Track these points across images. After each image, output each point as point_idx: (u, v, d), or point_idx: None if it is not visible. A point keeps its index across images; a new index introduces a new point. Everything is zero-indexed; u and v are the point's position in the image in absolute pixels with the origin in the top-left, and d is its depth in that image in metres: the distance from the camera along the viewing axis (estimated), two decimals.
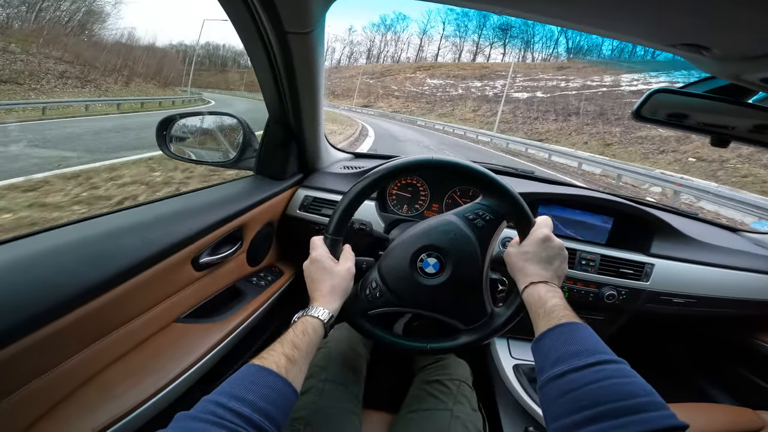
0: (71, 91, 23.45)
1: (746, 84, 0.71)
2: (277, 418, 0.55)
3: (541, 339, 0.66)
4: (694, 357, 2.01)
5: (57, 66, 24.35)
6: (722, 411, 1.22)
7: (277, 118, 1.26)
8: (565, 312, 0.68)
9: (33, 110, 13.40)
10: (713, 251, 1.43)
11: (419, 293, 0.84)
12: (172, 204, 1.02)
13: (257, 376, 0.58)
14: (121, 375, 0.78)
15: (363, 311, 0.87)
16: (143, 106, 20.88)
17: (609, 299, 1.32)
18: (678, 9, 0.54)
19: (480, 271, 0.84)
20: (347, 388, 0.98)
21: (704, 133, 0.89)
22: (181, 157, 1.27)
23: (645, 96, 0.85)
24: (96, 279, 0.70)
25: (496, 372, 1.41)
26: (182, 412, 0.52)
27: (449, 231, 0.84)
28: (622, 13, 0.60)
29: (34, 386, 0.64)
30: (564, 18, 0.66)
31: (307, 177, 1.47)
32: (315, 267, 0.81)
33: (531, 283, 0.76)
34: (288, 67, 1.04)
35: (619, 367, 0.56)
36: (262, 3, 0.83)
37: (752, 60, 0.62)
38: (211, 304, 1.09)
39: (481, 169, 0.84)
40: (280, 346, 0.64)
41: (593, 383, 0.53)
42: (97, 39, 44.17)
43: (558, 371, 0.58)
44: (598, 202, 1.38)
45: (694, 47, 0.62)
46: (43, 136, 9.39)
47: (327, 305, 0.76)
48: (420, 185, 1.47)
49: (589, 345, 0.60)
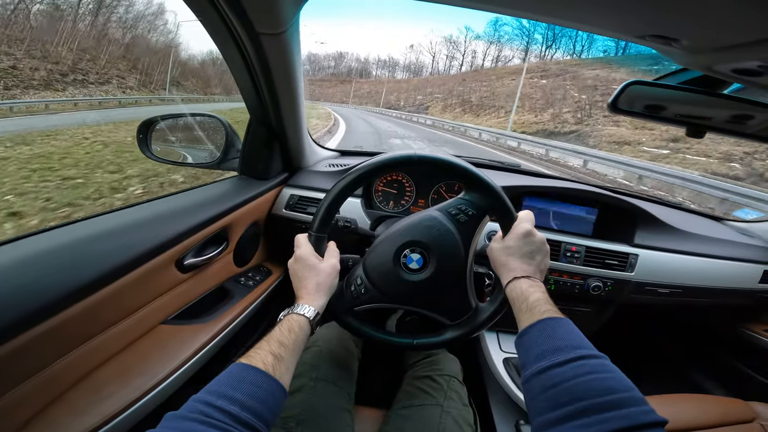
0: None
1: (719, 75, 0.72)
2: (266, 416, 0.55)
3: (524, 334, 0.66)
4: (683, 347, 2.03)
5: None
6: (713, 402, 1.24)
7: (258, 118, 1.26)
8: (547, 307, 0.68)
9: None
10: (697, 240, 1.45)
11: (403, 289, 0.84)
12: (155, 207, 1.02)
13: (244, 374, 0.58)
14: (110, 377, 0.79)
15: (349, 308, 0.87)
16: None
17: (595, 290, 1.33)
18: (645, 1, 0.55)
19: (463, 266, 0.85)
20: (339, 386, 0.98)
21: (681, 125, 0.89)
22: (164, 160, 1.26)
23: (620, 88, 0.85)
24: (75, 285, 0.70)
25: (486, 366, 1.42)
26: (171, 412, 0.52)
27: (432, 226, 0.84)
28: (590, 6, 0.61)
29: (24, 389, 0.65)
30: (534, 11, 0.66)
31: (292, 176, 1.47)
32: (300, 265, 0.81)
33: (514, 278, 0.76)
34: (264, 67, 1.04)
35: (599, 362, 0.56)
36: (230, 5, 0.83)
37: (722, 51, 0.62)
38: (199, 306, 1.09)
39: (462, 163, 0.84)
40: (267, 345, 0.64)
41: (574, 378, 0.53)
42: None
43: (540, 366, 0.58)
44: (582, 194, 1.39)
45: (663, 39, 0.62)
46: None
47: (312, 302, 0.76)
48: (405, 181, 1.48)
49: (571, 340, 0.60)
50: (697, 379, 1.88)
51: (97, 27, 46.80)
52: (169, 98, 32.20)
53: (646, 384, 0.76)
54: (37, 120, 14.23)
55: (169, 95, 36.90)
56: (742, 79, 0.71)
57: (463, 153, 6.32)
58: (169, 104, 29.25)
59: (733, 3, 0.49)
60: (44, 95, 25.06)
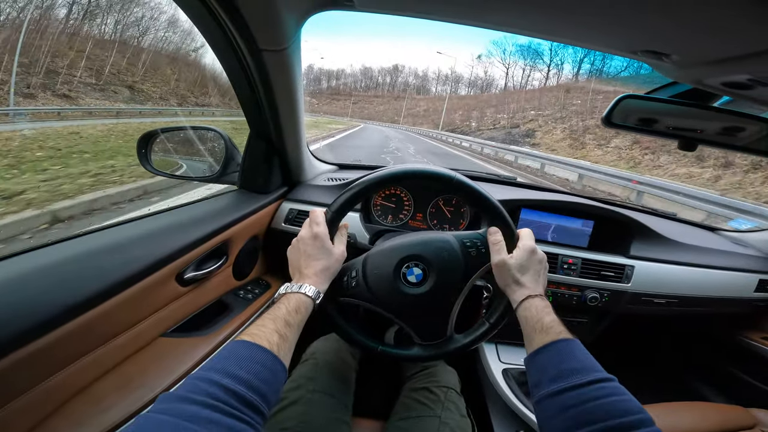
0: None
1: (709, 88, 0.74)
2: (270, 397, 0.53)
3: (538, 354, 0.67)
4: (682, 355, 2.03)
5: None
6: (714, 409, 1.24)
7: (259, 132, 1.27)
8: (562, 328, 0.69)
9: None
10: (692, 251, 1.46)
11: (393, 296, 0.84)
12: (156, 221, 1.02)
13: (249, 352, 0.55)
14: (110, 389, 0.79)
15: (333, 296, 0.86)
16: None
17: (592, 302, 1.34)
18: (636, 17, 0.57)
19: (456, 295, 0.86)
20: (336, 398, 0.98)
21: (674, 138, 0.91)
22: (164, 173, 1.27)
23: (613, 102, 0.87)
24: (75, 300, 0.70)
25: (485, 377, 1.42)
26: (167, 392, 0.48)
27: (443, 248, 0.85)
28: (583, 23, 0.63)
29: (23, 400, 0.64)
30: (528, 29, 0.68)
31: (291, 190, 1.47)
32: (315, 243, 0.79)
33: (528, 296, 0.76)
34: (265, 83, 1.05)
35: (614, 384, 0.58)
36: (234, 22, 0.85)
37: (712, 65, 0.64)
38: (198, 319, 1.08)
39: (471, 184, 0.85)
40: (272, 323, 0.62)
41: (594, 400, 0.55)
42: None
43: (557, 387, 0.59)
44: (577, 206, 1.41)
45: (654, 54, 0.64)
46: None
47: (318, 285, 0.75)
48: (404, 195, 1.48)
49: (587, 363, 0.62)
50: (696, 387, 1.88)
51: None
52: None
53: (646, 392, 0.76)
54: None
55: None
56: (732, 92, 0.74)
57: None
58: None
59: (723, 18, 0.51)
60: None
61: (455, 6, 0.67)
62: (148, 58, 43.66)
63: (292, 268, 0.81)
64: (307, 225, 0.83)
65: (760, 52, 0.55)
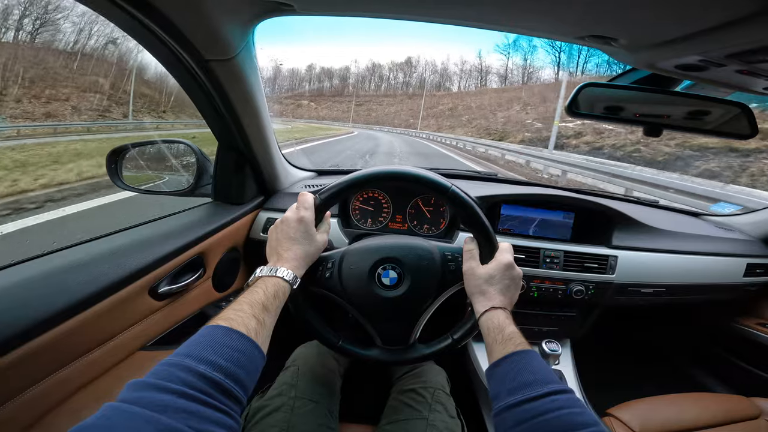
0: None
1: (664, 72, 0.74)
2: (247, 385, 0.52)
3: (497, 366, 0.67)
4: (680, 346, 2.02)
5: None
6: (715, 399, 1.24)
7: (226, 143, 1.26)
8: (521, 340, 0.69)
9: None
10: (676, 238, 1.46)
11: (364, 295, 0.84)
12: (127, 236, 1.01)
13: (226, 339, 0.53)
14: (89, 402, 0.79)
15: (304, 284, 0.83)
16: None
17: (578, 294, 1.33)
18: (575, 2, 0.56)
19: (426, 306, 0.86)
20: (320, 404, 0.97)
21: (639, 124, 0.91)
22: (135, 188, 1.25)
23: (575, 91, 0.86)
24: (42, 316, 0.70)
25: (476, 376, 1.41)
26: (137, 379, 0.45)
27: (423, 258, 0.85)
28: (526, 10, 0.62)
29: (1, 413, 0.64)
30: (471, 19, 0.68)
31: (268, 199, 1.46)
32: (299, 227, 0.78)
33: (492, 307, 0.76)
34: (220, 92, 1.04)
35: (569, 396, 0.58)
36: (174, 38, 0.84)
37: (660, 47, 0.64)
38: (179, 332, 1.08)
39: (463, 195, 0.84)
40: (250, 308, 0.60)
41: (547, 413, 0.55)
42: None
43: (514, 400, 0.59)
44: (557, 199, 1.41)
45: (601, 39, 0.64)
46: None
47: (296, 270, 0.74)
48: (382, 198, 1.47)
49: (542, 375, 0.62)
50: (697, 377, 1.87)
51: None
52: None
53: (647, 384, 0.75)
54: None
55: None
56: (688, 75, 0.73)
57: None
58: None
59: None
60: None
61: (397, 3, 0.67)
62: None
63: (269, 249, 0.80)
64: (294, 208, 0.82)
65: (704, 30, 0.55)
